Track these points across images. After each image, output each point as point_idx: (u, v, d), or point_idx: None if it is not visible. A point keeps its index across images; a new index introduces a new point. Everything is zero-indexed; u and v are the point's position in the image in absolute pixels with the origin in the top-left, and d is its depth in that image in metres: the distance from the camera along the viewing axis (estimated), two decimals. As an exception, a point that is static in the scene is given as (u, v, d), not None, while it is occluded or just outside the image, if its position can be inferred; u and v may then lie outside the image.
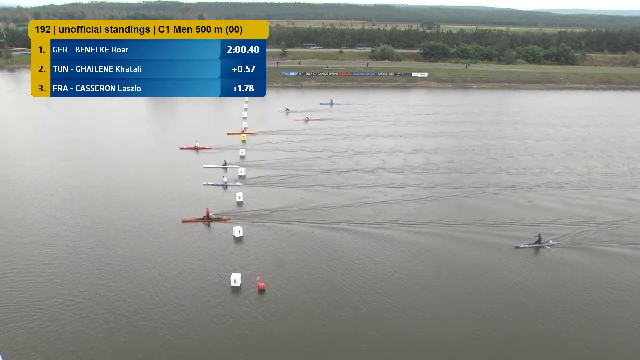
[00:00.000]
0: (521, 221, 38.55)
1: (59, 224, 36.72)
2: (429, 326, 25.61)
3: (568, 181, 48.68)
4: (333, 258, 32.23)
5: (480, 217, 39.24)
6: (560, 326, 25.77)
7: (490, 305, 27.50)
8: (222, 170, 49.00)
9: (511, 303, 27.85)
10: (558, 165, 53.91)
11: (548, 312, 26.99)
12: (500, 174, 50.50)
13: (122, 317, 25.62)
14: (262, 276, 29.37)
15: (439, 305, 27.43)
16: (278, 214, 39.08)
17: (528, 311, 27.09)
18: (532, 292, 28.94)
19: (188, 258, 31.92)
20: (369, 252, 33.28)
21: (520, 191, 45.48)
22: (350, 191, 44.29)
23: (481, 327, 25.65)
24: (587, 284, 29.90)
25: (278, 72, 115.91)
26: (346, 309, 26.84)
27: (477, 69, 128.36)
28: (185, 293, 27.95)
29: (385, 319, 26.07)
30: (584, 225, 37.73)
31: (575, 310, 27.27)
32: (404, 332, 25.13)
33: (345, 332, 24.99)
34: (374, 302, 27.49)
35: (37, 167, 50.14)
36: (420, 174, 49.79)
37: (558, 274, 31.14)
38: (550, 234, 35.92)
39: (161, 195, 42.59)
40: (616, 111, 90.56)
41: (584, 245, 34.67)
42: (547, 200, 43.51)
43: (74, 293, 27.66)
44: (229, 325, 25.35)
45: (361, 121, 74.22)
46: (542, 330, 25.51)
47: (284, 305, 27.09)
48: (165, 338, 24.18)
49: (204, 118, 77.35)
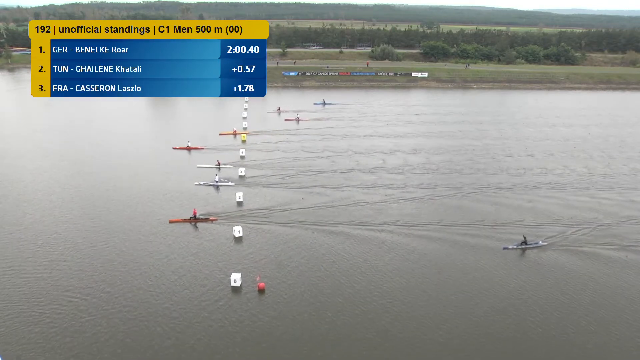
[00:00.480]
0: (520, 222, 38.47)
1: (58, 222, 36.74)
2: (428, 326, 25.57)
3: (567, 182, 48.63)
4: (333, 258, 32.22)
5: (479, 218, 39.22)
6: (552, 327, 25.74)
7: (481, 306, 27.49)
8: (215, 170, 49.02)
9: (503, 304, 27.84)
10: (558, 166, 53.87)
11: (537, 313, 26.96)
12: (500, 174, 50.44)
13: (122, 317, 25.62)
14: (261, 276, 29.38)
15: (435, 307, 27.41)
16: (278, 214, 39.07)
17: (519, 312, 27.07)
18: (521, 293, 28.93)
19: (188, 258, 31.91)
20: (368, 253, 33.25)
21: (520, 192, 45.44)
22: (350, 191, 44.27)
23: (474, 327, 25.66)
24: (577, 285, 29.78)
25: (278, 72, 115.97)
26: (345, 309, 26.83)
27: (477, 69, 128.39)
28: (185, 293, 27.95)
29: (384, 320, 26.05)
30: (578, 226, 37.58)
31: (570, 311, 27.26)
32: (402, 333, 25.10)
33: (345, 333, 24.99)
34: (373, 303, 27.48)
35: (37, 166, 50.11)
36: (420, 174, 49.79)
37: (546, 275, 30.92)
38: (541, 235, 35.85)
39: (160, 195, 42.58)
40: (616, 111, 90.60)
41: (575, 247, 34.42)
42: (546, 201, 43.41)
43: (73, 293, 27.65)
44: (229, 325, 25.35)
45: (354, 121, 74.15)
46: (535, 331, 25.52)
47: (284, 305, 27.09)
48: (165, 338, 24.17)
49: (200, 118, 77.26)
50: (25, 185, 44.88)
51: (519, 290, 29.24)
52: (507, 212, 40.75)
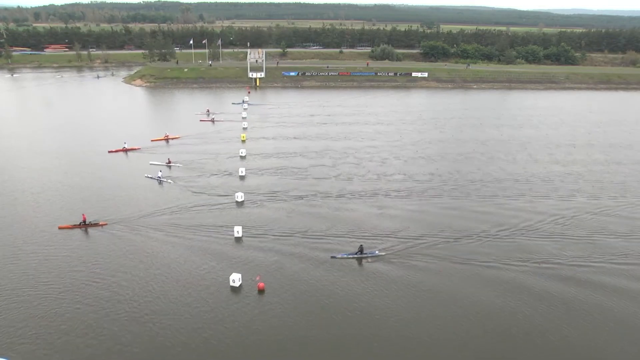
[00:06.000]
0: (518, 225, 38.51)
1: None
2: (425, 326, 25.56)
3: (559, 187, 48.67)
4: (332, 258, 32.17)
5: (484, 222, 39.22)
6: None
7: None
8: (162, 167, 49.52)
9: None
10: (558, 165, 53.91)
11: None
12: (499, 175, 50.42)
13: (123, 317, 25.58)
14: (261, 276, 29.36)
15: (434, 307, 27.43)
16: (278, 214, 39.07)
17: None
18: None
19: (188, 258, 31.87)
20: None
21: (519, 192, 45.47)
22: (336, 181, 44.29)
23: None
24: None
25: (278, 72, 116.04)
26: (345, 310, 26.81)
27: (477, 69, 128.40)
28: (185, 293, 27.91)
29: (383, 320, 26.04)
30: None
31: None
32: (400, 333, 25.07)
33: (344, 333, 24.96)
34: (373, 303, 27.46)
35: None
36: (420, 180, 49.74)
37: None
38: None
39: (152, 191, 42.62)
40: (616, 111, 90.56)
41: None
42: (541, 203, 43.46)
43: (74, 294, 27.66)
44: (229, 325, 25.30)
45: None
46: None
47: (283, 306, 27.04)
48: (165, 337, 24.12)
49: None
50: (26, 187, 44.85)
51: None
52: (506, 214, 40.70)
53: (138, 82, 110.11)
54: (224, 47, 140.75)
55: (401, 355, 23.47)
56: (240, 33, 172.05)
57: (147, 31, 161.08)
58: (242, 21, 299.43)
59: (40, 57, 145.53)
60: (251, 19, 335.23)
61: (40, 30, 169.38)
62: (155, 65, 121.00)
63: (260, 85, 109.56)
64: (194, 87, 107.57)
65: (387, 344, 24.10)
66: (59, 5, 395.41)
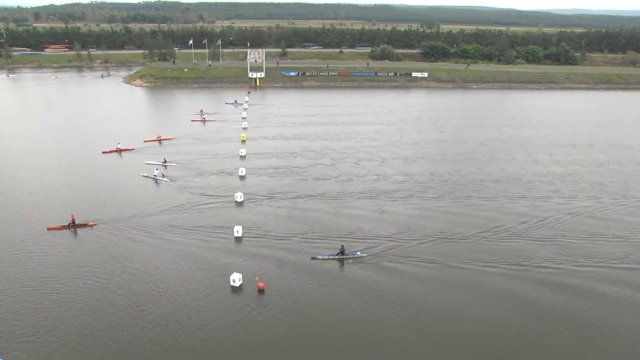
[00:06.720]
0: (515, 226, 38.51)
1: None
2: (425, 326, 25.55)
3: (559, 188, 48.65)
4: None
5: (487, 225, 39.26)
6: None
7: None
8: (158, 166, 49.55)
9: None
10: (558, 166, 53.87)
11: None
12: (499, 175, 50.43)
13: (123, 317, 25.56)
14: (261, 276, 29.34)
15: (432, 308, 27.43)
16: (278, 214, 39.07)
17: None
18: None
19: (188, 258, 31.85)
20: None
21: (519, 193, 45.46)
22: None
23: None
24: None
25: (278, 72, 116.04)
26: (344, 310, 26.79)
27: (477, 69, 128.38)
28: (185, 293, 27.89)
29: (382, 321, 26.01)
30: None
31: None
32: (401, 334, 25.05)
33: (343, 333, 24.93)
34: (372, 303, 27.42)
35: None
36: (420, 181, 49.73)
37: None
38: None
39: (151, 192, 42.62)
40: (616, 111, 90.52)
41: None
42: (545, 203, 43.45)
43: (73, 295, 27.64)
44: (229, 324, 25.28)
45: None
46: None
47: (283, 306, 27.02)
48: (164, 337, 24.11)
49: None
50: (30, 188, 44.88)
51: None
52: (507, 217, 40.70)
53: (138, 82, 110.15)
54: (224, 47, 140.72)
55: (401, 355, 23.47)
56: (240, 33, 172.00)
57: (147, 31, 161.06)
58: (242, 21, 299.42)
59: (40, 57, 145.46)
60: (251, 19, 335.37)
61: (40, 30, 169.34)
62: (155, 65, 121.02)
63: (260, 85, 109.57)
64: (194, 87, 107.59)
65: (387, 344, 24.09)
66: (59, 5, 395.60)
